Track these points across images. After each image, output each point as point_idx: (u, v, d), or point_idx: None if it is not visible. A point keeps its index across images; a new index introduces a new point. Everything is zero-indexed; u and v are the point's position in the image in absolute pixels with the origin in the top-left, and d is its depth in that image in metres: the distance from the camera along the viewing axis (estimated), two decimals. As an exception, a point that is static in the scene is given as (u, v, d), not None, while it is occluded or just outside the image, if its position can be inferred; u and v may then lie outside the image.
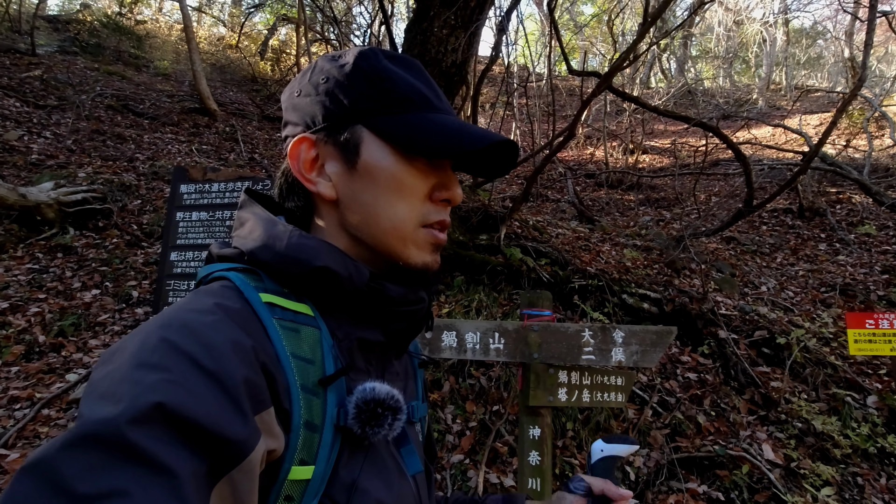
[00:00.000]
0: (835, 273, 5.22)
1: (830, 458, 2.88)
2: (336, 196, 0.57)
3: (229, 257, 0.55)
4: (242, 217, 0.58)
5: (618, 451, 0.73)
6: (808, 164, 4.78)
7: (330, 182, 0.57)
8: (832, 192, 7.53)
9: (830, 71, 19.73)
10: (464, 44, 3.65)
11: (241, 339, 0.43)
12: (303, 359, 0.48)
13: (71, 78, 8.47)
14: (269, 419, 0.43)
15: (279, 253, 0.52)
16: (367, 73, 0.56)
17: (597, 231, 5.98)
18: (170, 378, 0.37)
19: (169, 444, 0.35)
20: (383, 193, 0.55)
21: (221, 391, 0.39)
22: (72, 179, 5.33)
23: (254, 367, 0.43)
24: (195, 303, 0.46)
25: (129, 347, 0.41)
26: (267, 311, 0.48)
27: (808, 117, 11.36)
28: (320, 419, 0.47)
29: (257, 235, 0.54)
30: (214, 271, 0.54)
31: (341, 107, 0.56)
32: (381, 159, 0.55)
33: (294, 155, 0.57)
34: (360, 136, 0.55)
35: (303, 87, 0.58)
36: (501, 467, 2.77)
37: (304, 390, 0.47)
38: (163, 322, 0.43)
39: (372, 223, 0.55)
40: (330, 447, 0.47)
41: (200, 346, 0.40)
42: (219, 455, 0.37)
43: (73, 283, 4.18)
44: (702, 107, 10.62)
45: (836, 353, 3.64)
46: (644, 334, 2.00)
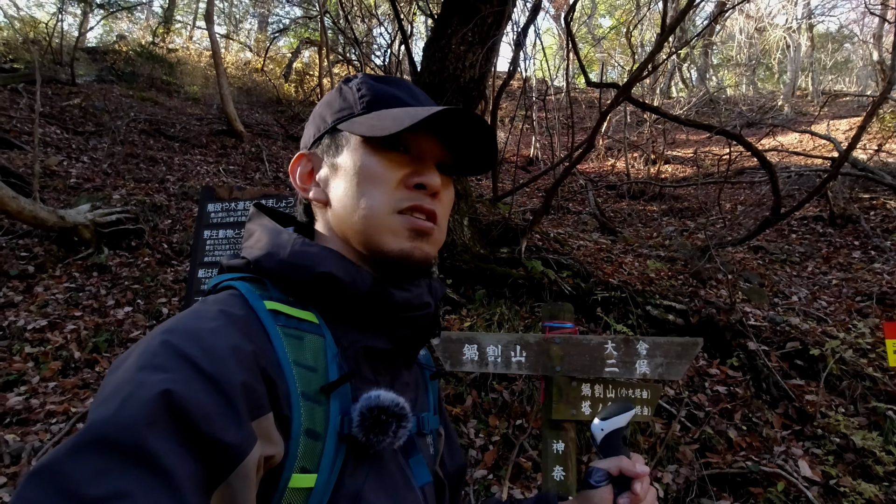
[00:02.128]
0: (871, 281, 5.03)
1: (872, 476, 2.75)
2: (326, 199, 0.60)
3: (237, 267, 0.57)
4: (250, 229, 0.61)
5: (618, 424, 0.71)
6: (837, 169, 4.65)
7: (320, 187, 0.61)
8: (865, 198, 7.28)
9: (859, 75, 19.22)
10: (481, 59, 3.71)
11: (242, 345, 0.44)
12: (305, 366, 0.48)
13: (107, 105, 8.89)
14: (266, 424, 0.43)
15: (283, 260, 0.53)
16: (347, 91, 0.62)
17: (619, 242, 5.91)
18: (170, 378, 0.38)
19: (169, 444, 0.36)
20: (354, 184, 0.57)
21: (219, 394, 0.40)
22: (107, 201, 5.56)
23: (253, 372, 0.43)
24: (200, 310, 0.47)
25: (134, 352, 0.42)
26: (270, 318, 0.49)
27: (836, 122, 11.06)
28: (323, 427, 0.47)
29: (263, 244, 0.56)
30: (222, 281, 0.56)
31: (325, 121, 0.62)
32: (353, 153, 0.58)
33: (293, 170, 0.63)
34: (341, 140, 0.59)
35: (308, 120, 0.66)
36: (525, 483, 2.73)
37: (306, 398, 0.47)
38: (167, 328, 0.44)
39: (347, 215, 0.57)
40: (333, 456, 0.47)
41: (201, 349, 0.41)
42: (215, 459, 0.38)
43: (108, 300, 4.33)
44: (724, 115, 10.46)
45: (875, 365, 3.49)
46: (669, 346, 1.96)
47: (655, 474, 2.80)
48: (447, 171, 0.62)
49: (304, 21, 14.67)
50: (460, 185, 4.27)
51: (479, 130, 0.59)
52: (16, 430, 2.87)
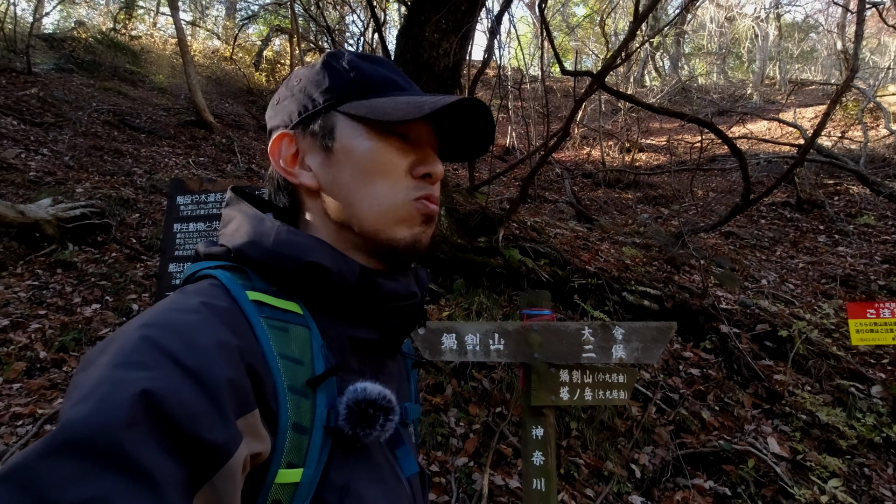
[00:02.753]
0: (835, 264, 5.22)
1: (837, 450, 2.87)
2: (318, 185, 0.57)
3: (216, 255, 0.54)
4: (229, 215, 0.57)
5: None
6: (803, 156, 4.79)
7: (311, 172, 0.57)
8: (830, 184, 7.53)
9: (824, 64, 19.79)
10: (455, 47, 3.67)
11: (227, 339, 0.42)
12: (291, 359, 0.46)
13: (67, 95, 8.51)
14: (253, 421, 0.41)
15: (267, 249, 0.51)
16: (335, 68, 0.58)
17: (595, 230, 5.98)
18: (150, 376, 0.36)
19: (149, 446, 0.34)
20: (361, 172, 0.55)
21: (203, 392, 0.37)
22: (70, 195, 5.34)
23: (238, 367, 0.41)
24: (180, 301, 0.45)
25: (110, 348, 0.39)
26: (254, 309, 0.47)
27: (803, 110, 11.38)
28: (309, 421, 0.46)
29: (244, 232, 0.53)
30: (201, 269, 0.53)
31: (313, 100, 0.57)
32: (355, 139, 0.55)
33: (275, 152, 0.58)
34: (333, 122, 0.56)
35: (280, 94, 0.61)
36: (506, 469, 2.76)
37: (292, 391, 0.45)
38: (145, 321, 0.41)
39: (355, 204, 0.55)
40: (320, 449, 0.46)
41: (183, 344, 0.39)
42: (198, 459, 0.36)
43: (74, 298, 4.18)
44: (696, 103, 10.65)
45: (839, 344, 3.63)
46: (644, 331, 1.99)
47: (633, 455, 2.86)
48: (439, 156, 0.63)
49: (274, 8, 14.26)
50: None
51: (479, 118, 0.60)
52: (-21, 434, 2.75)
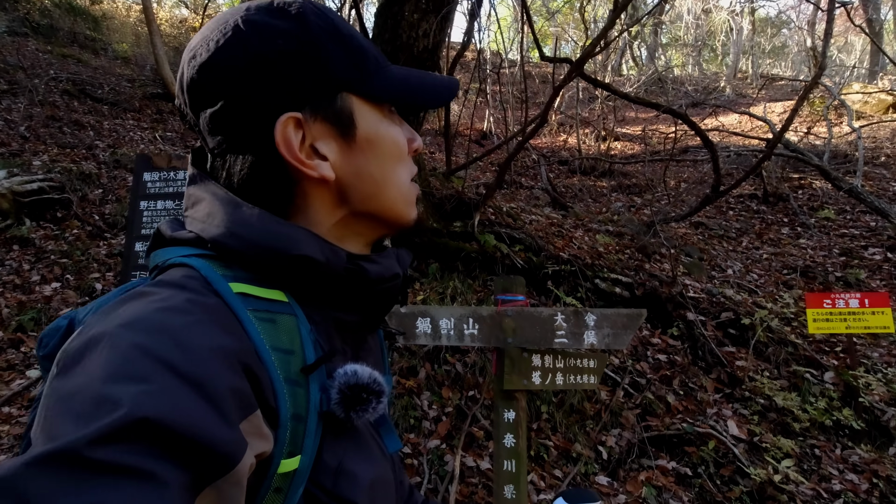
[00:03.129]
0: (796, 256, 5.43)
1: (790, 432, 3.02)
2: (335, 176, 0.51)
3: (187, 241, 0.50)
4: (196, 195, 0.52)
5: None
6: (771, 150, 4.93)
7: (327, 162, 0.51)
8: (795, 178, 7.79)
9: (794, 60, 20.33)
10: (435, 28, 3.60)
11: (222, 342, 0.40)
12: (283, 350, 0.45)
13: (22, 61, 8.01)
14: (257, 422, 0.40)
15: (249, 242, 0.47)
16: (331, 33, 0.51)
17: (570, 217, 6.05)
18: (149, 390, 0.34)
19: (150, 457, 0.32)
20: (389, 161, 0.54)
21: (206, 401, 0.36)
22: (26, 168, 5.07)
23: (237, 371, 0.40)
24: (164, 298, 0.42)
25: (97, 352, 0.37)
26: (241, 303, 0.45)
27: (772, 105, 11.69)
28: (304, 408, 0.46)
29: (220, 221, 0.48)
30: (171, 257, 0.49)
31: (322, 75, 0.50)
32: (377, 126, 0.53)
33: (285, 140, 0.48)
34: (350, 106, 0.51)
35: (245, 48, 0.48)
36: (478, 451, 2.80)
37: (288, 383, 0.44)
38: (131, 322, 0.38)
39: (380, 194, 0.54)
40: (314, 434, 0.46)
41: (179, 351, 0.37)
42: (203, 467, 0.35)
43: (32, 276, 4.00)
44: (672, 94, 10.81)
45: (797, 332, 3.80)
46: (615, 317, 2.03)
47: (601, 438, 2.95)
48: None
49: (248, -22, 13.70)
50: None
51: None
52: (-72, 417, 2.63)
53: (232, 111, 0.49)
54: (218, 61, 0.48)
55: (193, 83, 0.50)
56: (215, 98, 0.49)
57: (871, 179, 7.48)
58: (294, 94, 0.49)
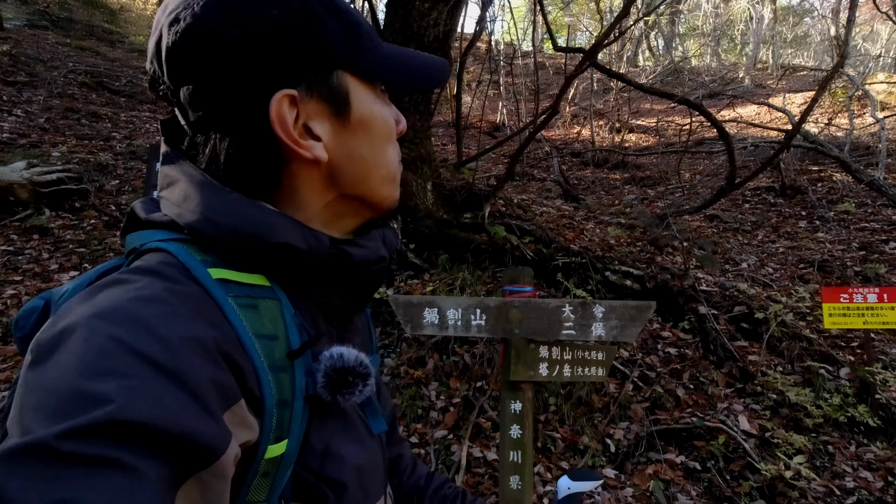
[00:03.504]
0: (814, 250, 5.32)
1: (803, 428, 2.97)
2: (328, 157, 0.49)
3: (162, 224, 0.48)
4: (170, 175, 0.49)
5: (583, 488, 0.77)
6: (789, 141, 4.82)
7: (321, 143, 0.49)
8: (814, 171, 7.62)
9: (817, 49, 19.79)
10: (445, 17, 3.58)
11: (200, 332, 0.39)
12: (266, 336, 0.44)
13: (41, 54, 8.16)
14: (240, 412, 0.40)
15: (226, 229, 0.45)
16: (328, 6, 0.47)
17: (581, 209, 6.00)
18: (128, 385, 0.33)
19: (129, 450, 0.32)
20: (380, 142, 0.53)
21: (186, 393, 0.35)
22: (45, 159, 5.17)
23: (217, 361, 0.39)
24: (141, 287, 0.40)
25: (70, 344, 0.35)
26: (221, 290, 0.43)
27: (792, 96, 11.41)
28: (290, 393, 0.45)
29: (195, 205, 0.46)
30: (149, 241, 0.47)
31: (317, 49, 0.47)
32: (370, 105, 0.51)
33: (280, 119, 0.45)
34: (345, 84, 0.49)
35: (237, 15, 0.44)
36: (485, 441, 2.81)
37: (273, 369, 0.44)
38: (106, 313, 0.37)
39: (369, 175, 0.52)
40: (301, 418, 0.45)
41: (157, 343, 0.36)
42: (185, 459, 0.34)
43: (50, 264, 4.09)
44: (688, 85, 10.61)
45: (812, 327, 3.73)
46: (623, 309, 2.01)
47: (608, 431, 2.94)
48: None
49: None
50: (424, 149, 4.19)
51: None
52: (-49, 399, 2.72)
53: (218, 84, 0.45)
54: (205, 28, 0.44)
55: (175, 50, 0.45)
56: (200, 68, 0.45)
57: (894, 172, 7.28)
58: (289, 70, 0.46)
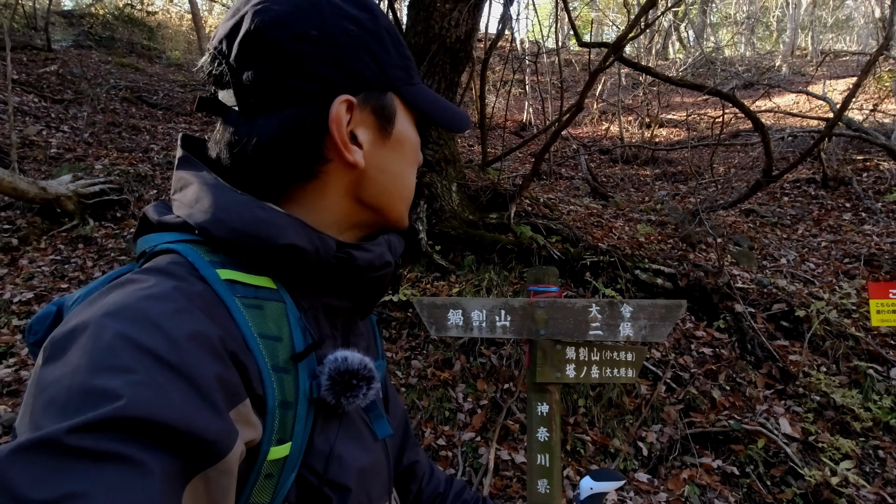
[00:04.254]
0: (860, 243, 5.05)
1: (850, 432, 2.82)
2: (363, 164, 0.53)
3: (173, 226, 0.49)
4: (184, 178, 0.51)
5: (606, 488, 0.77)
6: (829, 130, 4.59)
7: (362, 150, 0.53)
8: (858, 160, 7.24)
9: (860, 34, 18.82)
10: (466, 17, 3.57)
11: (208, 330, 0.40)
12: (270, 337, 0.45)
13: (86, 72, 8.58)
14: (245, 411, 0.41)
15: (234, 229, 0.46)
16: (389, 32, 0.53)
17: (610, 207, 5.88)
18: (135, 380, 0.34)
19: (136, 445, 0.33)
20: (408, 163, 0.58)
21: (193, 389, 0.36)
22: (89, 171, 5.43)
23: (224, 359, 0.40)
24: (150, 286, 0.41)
25: (80, 342, 0.36)
26: (228, 290, 0.45)
27: (834, 82, 10.89)
28: (293, 395, 0.46)
29: (206, 206, 0.47)
30: (160, 243, 0.48)
31: (379, 68, 0.52)
32: (409, 130, 0.57)
33: (338, 119, 0.50)
34: (394, 105, 0.55)
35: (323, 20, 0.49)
36: (512, 444, 2.79)
37: (275, 370, 0.45)
38: (116, 311, 0.38)
39: (392, 192, 0.57)
40: (305, 421, 0.46)
41: (164, 340, 0.36)
42: (193, 455, 0.35)
43: (94, 272, 4.29)
44: (721, 76, 10.26)
45: (858, 325, 3.54)
46: (653, 308, 1.96)
47: (640, 433, 2.86)
48: None
49: (289, -19, 14.07)
50: (448, 150, 4.19)
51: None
52: (6, 401, 2.88)
53: (287, 75, 0.48)
54: (292, 23, 0.48)
55: (255, 35, 0.48)
56: (273, 57, 0.48)
57: (949, 159, 6.84)
58: (355, 79, 0.51)
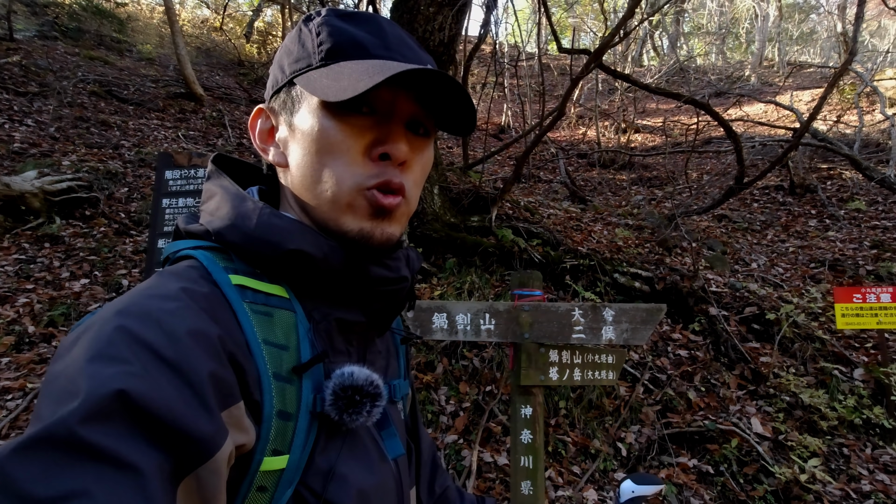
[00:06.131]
0: (824, 249, 5.26)
1: (817, 430, 2.94)
2: (286, 162, 0.54)
3: (196, 234, 0.51)
4: (210, 190, 0.54)
5: (647, 492, 0.77)
6: (798, 139, 4.77)
7: (279, 149, 0.55)
8: (823, 169, 7.55)
9: (823, 46, 19.63)
10: (451, 21, 3.58)
11: (207, 329, 0.40)
12: (276, 345, 0.45)
13: (52, 63, 8.26)
14: (238, 413, 0.40)
15: (248, 234, 0.48)
16: (305, 36, 0.54)
17: (589, 211, 5.98)
18: (129, 370, 0.35)
19: (131, 440, 0.33)
20: (313, 152, 0.50)
21: (185, 385, 0.36)
22: (56, 168, 5.23)
23: (220, 358, 0.40)
24: (158, 287, 0.42)
25: (85, 337, 0.37)
26: (237, 294, 0.45)
27: (799, 93, 11.32)
28: (295, 407, 0.45)
29: (224, 213, 0.50)
30: (181, 249, 0.51)
31: (283, 71, 0.54)
32: (310, 115, 0.51)
33: (252, 126, 0.57)
34: (295, 95, 0.53)
35: (272, 66, 0.58)
36: (495, 446, 2.80)
37: (277, 378, 0.44)
38: (120, 308, 0.39)
39: (308, 185, 0.51)
40: (305, 435, 0.45)
41: (162, 335, 0.37)
42: (184, 452, 0.35)
43: (62, 272, 4.13)
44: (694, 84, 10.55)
45: (825, 328, 3.69)
46: (634, 312, 2.00)
47: (620, 434, 2.92)
48: (422, 129, 0.54)
49: (266, -24, 13.85)
50: (431, 152, 4.19)
51: (452, 91, 0.51)
52: (-33, 407, 2.74)
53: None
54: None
55: None
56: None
57: (906, 169, 7.19)
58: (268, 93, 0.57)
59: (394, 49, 0.52)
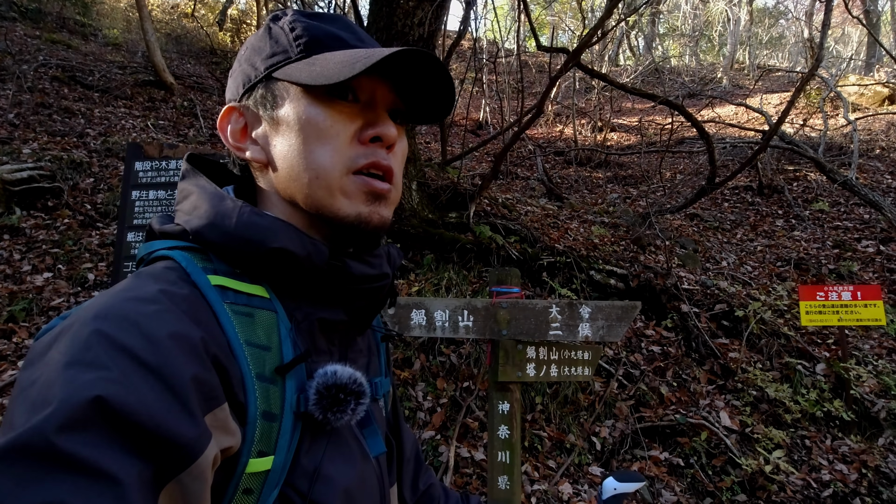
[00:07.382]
0: (790, 248, 5.45)
1: (782, 423, 3.05)
2: (266, 159, 0.54)
3: (173, 234, 0.51)
4: (185, 189, 0.53)
5: (629, 489, 0.78)
6: (767, 142, 4.92)
7: (258, 146, 0.54)
8: (790, 170, 7.80)
9: (791, 51, 20.28)
10: (431, 16, 3.55)
11: (189, 331, 0.39)
12: (258, 346, 0.45)
13: (10, 46, 7.87)
14: (222, 416, 0.40)
15: (228, 233, 0.47)
16: (275, 31, 0.54)
17: (565, 208, 6.04)
18: (107, 376, 0.34)
19: (109, 448, 0.32)
20: (301, 141, 0.50)
21: (166, 390, 0.35)
22: (16, 156, 4.99)
23: (203, 361, 0.39)
24: (136, 289, 0.41)
25: (61, 341, 0.36)
26: (217, 295, 0.45)
27: (769, 96, 11.67)
28: (279, 407, 0.45)
29: (203, 212, 0.49)
30: (157, 249, 0.50)
31: (255, 69, 0.54)
32: (296, 105, 0.51)
33: (223, 127, 0.55)
34: (275, 90, 0.53)
35: (233, 66, 0.58)
36: (472, 442, 2.81)
37: (260, 379, 0.44)
38: (98, 312, 0.38)
39: (296, 175, 0.51)
40: (290, 435, 0.45)
41: (142, 339, 0.36)
42: (165, 458, 0.34)
43: (23, 266, 3.96)
44: (668, 85, 10.77)
45: (790, 325, 3.82)
46: (610, 309, 2.03)
47: (594, 429, 2.97)
48: (399, 118, 0.57)
49: (241, -37, 13.50)
50: (408, 147, 4.16)
51: (435, 74, 0.53)
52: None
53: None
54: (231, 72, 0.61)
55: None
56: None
57: (866, 172, 7.50)
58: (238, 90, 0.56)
59: (367, 42, 0.55)
